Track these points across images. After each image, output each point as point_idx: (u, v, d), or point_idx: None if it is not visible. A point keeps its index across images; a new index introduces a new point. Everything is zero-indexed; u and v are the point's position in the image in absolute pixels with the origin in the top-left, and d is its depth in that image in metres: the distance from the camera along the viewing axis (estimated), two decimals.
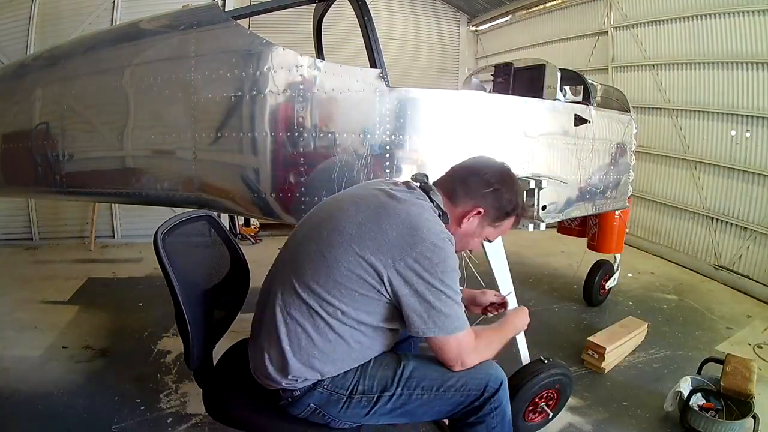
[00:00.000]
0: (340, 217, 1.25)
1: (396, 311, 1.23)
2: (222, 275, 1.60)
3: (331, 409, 1.27)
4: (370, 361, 1.30)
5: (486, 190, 1.33)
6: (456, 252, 1.44)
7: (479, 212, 1.34)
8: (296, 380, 1.24)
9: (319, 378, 1.26)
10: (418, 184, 1.35)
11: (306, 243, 1.28)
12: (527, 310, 1.55)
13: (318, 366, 1.24)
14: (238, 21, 1.93)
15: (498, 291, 2.09)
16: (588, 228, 3.39)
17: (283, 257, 1.35)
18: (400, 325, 1.28)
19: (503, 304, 1.68)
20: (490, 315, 1.69)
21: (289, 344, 1.22)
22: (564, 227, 3.67)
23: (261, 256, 2.04)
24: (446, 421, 1.70)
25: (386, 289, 1.19)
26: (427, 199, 1.30)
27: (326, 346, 1.23)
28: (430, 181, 1.37)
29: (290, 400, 1.27)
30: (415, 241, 1.17)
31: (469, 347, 1.25)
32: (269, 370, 1.25)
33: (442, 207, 1.31)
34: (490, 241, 1.49)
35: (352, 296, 1.20)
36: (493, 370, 1.32)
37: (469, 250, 1.92)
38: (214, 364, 1.50)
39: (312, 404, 1.27)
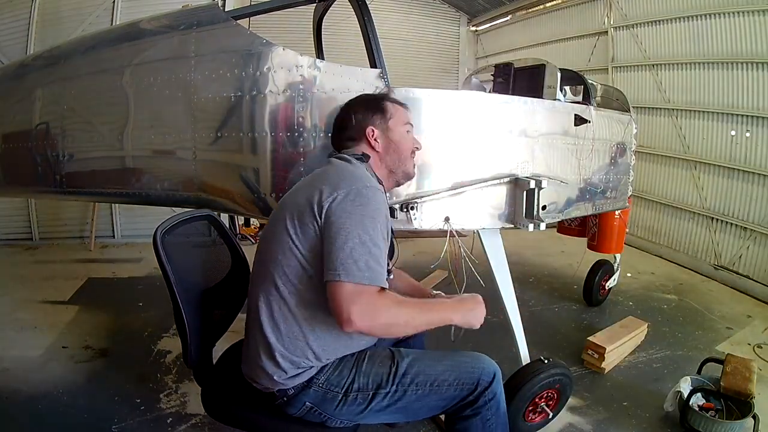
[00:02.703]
0: (282, 202, 1.37)
1: None
2: (223, 274, 1.60)
3: (326, 408, 1.28)
4: (364, 358, 1.31)
5: (352, 123, 1.49)
6: (405, 163, 1.53)
7: (372, 131, 1.47)
8: (289, 372, 1.24)
9: (311, 365, 1.26)
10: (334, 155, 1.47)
11: (264, 238, 1.35)
12: (482, 301, 1.37)
13: (304, 349, 1.25)
14: (238, 21, 1.93)
15: (498, 289, 2.10)
16: (588, 228, 3.39)
17: (256, 257, 1.38)
18: None
19: None
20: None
21: (272, 331, 1.25)
22: (564, 227, 3.66)
23: None
24: (442, 418, 1.69)
25: (320, 232, 1.21)
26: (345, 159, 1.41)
27: (304, 324, 1.24)
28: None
29: (285, 399, 1.28)
30: (342, 185, 1.23)
31: (363, 300, 1.12)
32: (263, 362, 1.26)
33: (356, 155, 1.43)
34: (411, 126, 1.56)
35: (310, 255, 1.22)
36: (485, 363, 1.34)
37: (465, 253, 1.91)
38: (214, 362, 1.50)
39: (308, 403, 1.27)
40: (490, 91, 3.02)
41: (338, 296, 1.12)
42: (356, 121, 1.48)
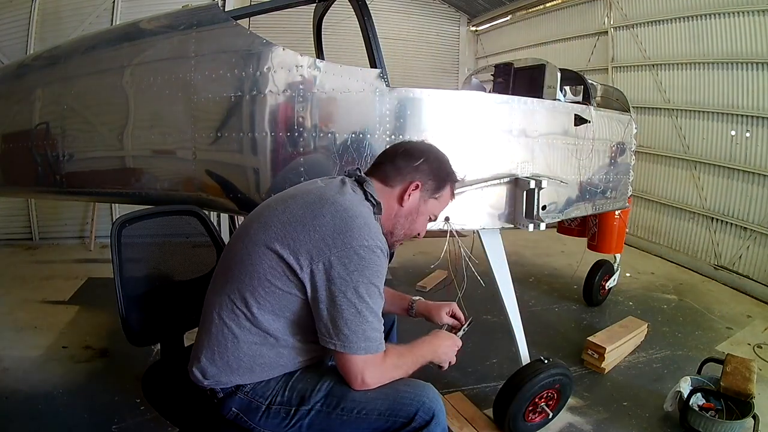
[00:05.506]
0: (268, 215, 1.24)
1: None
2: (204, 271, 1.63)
3: (251, 417, 1.24)
4: (296, 371, 1.27)
5: (416, 164, 1.34)
6: (406, 237, 1.42)
7: (417, 186, 1.34)
8: (216, 383, 1.24)
9: (238, 383, 1.24)
10: (352, 178, 1.33)
11: (235, 242, 1.29)
12: (460, 342, 1.42)
13: (231, 374, 1.23)
14: (238, 21, 1.93)
15: (498, 289, 2.10)
16: (588, 228, 3.39)
17: (221, 258, 1.34)
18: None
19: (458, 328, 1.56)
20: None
21: (209, 347, 1.23)
22: (564, 227, 3.66)
23: None
24: None
25: (305, 289, 1.16)
26: (362, 191, 1.28)
27: (244, 354, 1.21)
28: (363, 173, 1.37)
29: (216, 401, 1.26)
30: (335, 244, 1.14)
31: (373, 365, 1.17)
32: (194, 369, 1.25)
33: (375, 196, 1.29)
34: (435, 218, 1.45)
35: (274, 296, 1.18)
36: (427, 398, 1.21)
37: (464, 254, 1.90)
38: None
39: (234, 409, 1.24)
40: (490, 91, 3.02)
41: (347, 367, 1.17)
42: (416, 167, 1.34)
